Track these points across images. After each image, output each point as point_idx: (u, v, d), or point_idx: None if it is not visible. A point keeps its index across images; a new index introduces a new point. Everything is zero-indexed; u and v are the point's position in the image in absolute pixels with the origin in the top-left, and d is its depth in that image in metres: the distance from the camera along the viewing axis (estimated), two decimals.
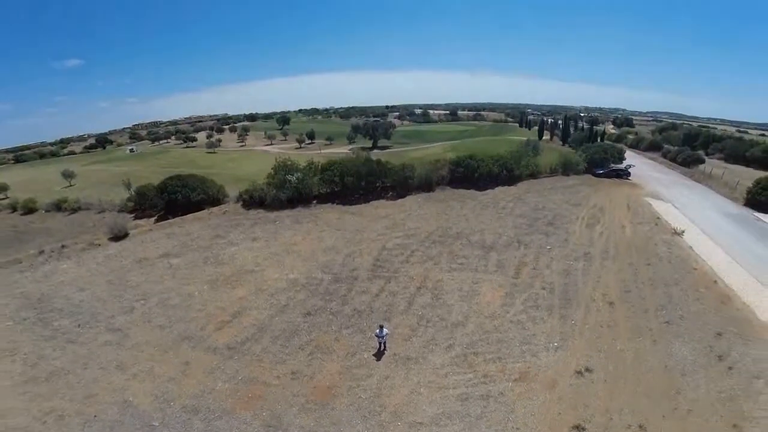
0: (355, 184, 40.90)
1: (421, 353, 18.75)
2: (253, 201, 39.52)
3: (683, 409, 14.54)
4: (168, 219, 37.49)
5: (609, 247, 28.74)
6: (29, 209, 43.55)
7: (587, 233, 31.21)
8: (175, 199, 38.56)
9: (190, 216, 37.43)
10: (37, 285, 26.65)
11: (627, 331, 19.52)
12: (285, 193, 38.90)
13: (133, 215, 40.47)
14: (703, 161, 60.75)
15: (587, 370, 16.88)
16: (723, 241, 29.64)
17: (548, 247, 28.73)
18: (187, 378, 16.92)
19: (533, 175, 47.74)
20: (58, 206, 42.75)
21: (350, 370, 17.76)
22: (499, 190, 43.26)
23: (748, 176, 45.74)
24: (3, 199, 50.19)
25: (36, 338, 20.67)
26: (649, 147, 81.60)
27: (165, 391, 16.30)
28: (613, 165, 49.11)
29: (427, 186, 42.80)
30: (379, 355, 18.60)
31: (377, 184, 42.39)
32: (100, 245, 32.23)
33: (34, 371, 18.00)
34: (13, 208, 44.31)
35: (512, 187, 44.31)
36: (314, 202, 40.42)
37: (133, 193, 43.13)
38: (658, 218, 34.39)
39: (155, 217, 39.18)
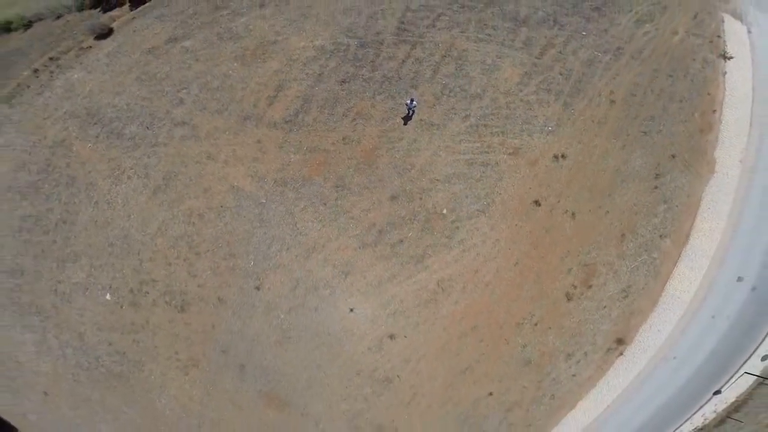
0: None
1: (442, 121, 25.26)
2: None
3: (604, 210, 23.46)
4: (145, 2, 32.04)
5: (646, 48, 28.40)
6: None
7: (632, 29, 29.21)
8: None
9: None
10: (70, 102, 28.25)
11: (610, 130, 25.30)
12: None
13: (98, 10, 34.41)
14: None
15: (563, 156, 24.48)
16: (762, 81, 28.96)
17: (584, 33, 28.27)
18: (266, 155, 24.28)
19: None
20: (7, 28, 36.88)
21: (386, 134, 24.86)
22: None
23: None
24: None
25: (124, 150, 25.72)
26: None
27: (255, 171, 24.07)
28: None
29: None
30: (406, 119, 25.10)
31: None
32: (91, 47, 30.25)
33: (151, 181, 24.53)
34: None
35: None
36: None
37: None
38: (719, 37, 31.03)
39: (128, 4, 33.47)
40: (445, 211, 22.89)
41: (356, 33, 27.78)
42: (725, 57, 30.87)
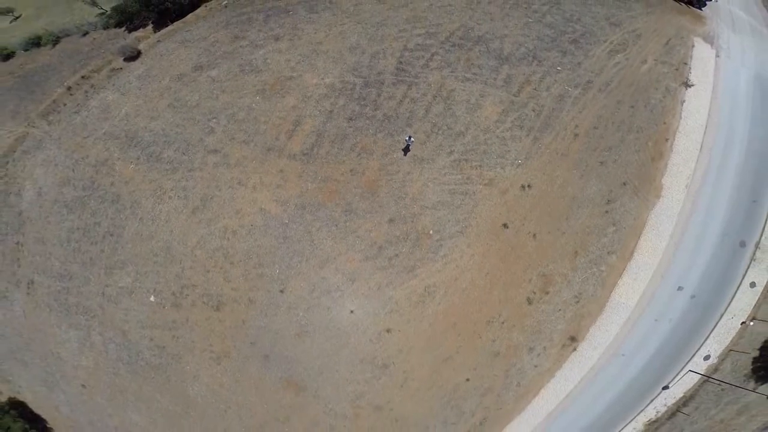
0: None
1: (431, 156, 34.93)
2: None
3: (561, 231, 33.03)
4: (167, 25, 41.02)
5: (614, 80, 37.77)
6: (6, 55, 45.57)
7: (604, 60, 38.65)
8: (166, 9, 40.23)
9: (190, 17, 41.14)
10: (108, 123, 37.06)
11: (571, 162, 35.05)
12: None
13: (123, 29, 42.98)
14: None
15: (529, 186, 34.41)
16: (718, 108, 38.02)
17: (558, 68, 38.12)
18: (287, 183, 33.86)
19: None
20: (36, 43, 44.67)
21: (385, 167, 34.34)
22: None
23: None
24: None
25: (163, 173, 34.48)
26: None
27: (279, 196, 33.41)
28: None
29: None
30: (406, 151, 33.88)
31: None
32: (121, 69, 39.45)
33: (190, 202, 33.27)
34: None
35: None
36: None
37: (108, 9, 43.51)
38: (685, 64, 39.76)
39: (151, 26, 42.03)
40: (431, 232, 32.73)
41: (361, 72, 37.25)
42: (687, 85, 39.39)
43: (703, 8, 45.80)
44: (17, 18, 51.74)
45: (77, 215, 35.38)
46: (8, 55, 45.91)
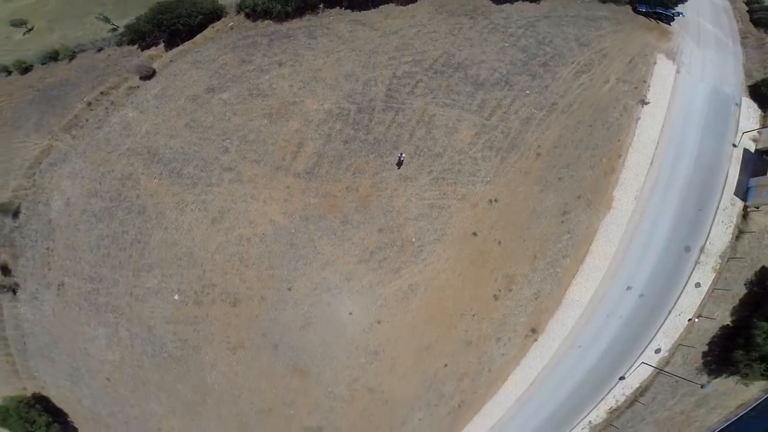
0: None
1: (414, 175, 45.45)
2: (257, 13, 49.83)
3: (522, 239, 43.04)
4: (178, 45, 49.73)
5: (576, 101, 47.48)
6: (24, 68, 51.68)
7: (569, 82, 48.34)
8: (176, 30, 48.61)
9: (198, 37, 50.22)
10: (130, 139, 46.05)
11: (532, 178, 45.56)
12: (291, 5, 48.61)
13: (136, 47, 51.05)
14: None
15: (495, 200, 45.33)
16: (671, 123, 47.49)
17: (527, 92, 48.13)
18: (293, 198, 44.55)
19: None
20: (54, 57, 51.94)
21: (376, 185, 44.57)
22: (517, 6, 52.35)
23: None
24: None
25: (185, 187, 43.59)
26: None
27: (286, 209, 43.53)
28: (660, 8, 52.11)
29: None
30: (399, 165, 43.46)
31: None
32: (138, 87, 48.33)
33: (209, 214, 42.44)
34: (7, 72, 52.14)
35: (533, 4, 52.07)
36: (321, 6, 51.53)
37: (122, 27, 50.23)
38: (645, 81, 48.81)
39: (162, 45, 50.13)
40: (413, 239, 43.61)
41: (355, 99, 46.96)
42: (643, 102, 47.58)
43: (671, 23, 52.47)
44: (30, 30, 57.46)
45: (106, 224, 44.71)
46: (26, 69, 51.87)
